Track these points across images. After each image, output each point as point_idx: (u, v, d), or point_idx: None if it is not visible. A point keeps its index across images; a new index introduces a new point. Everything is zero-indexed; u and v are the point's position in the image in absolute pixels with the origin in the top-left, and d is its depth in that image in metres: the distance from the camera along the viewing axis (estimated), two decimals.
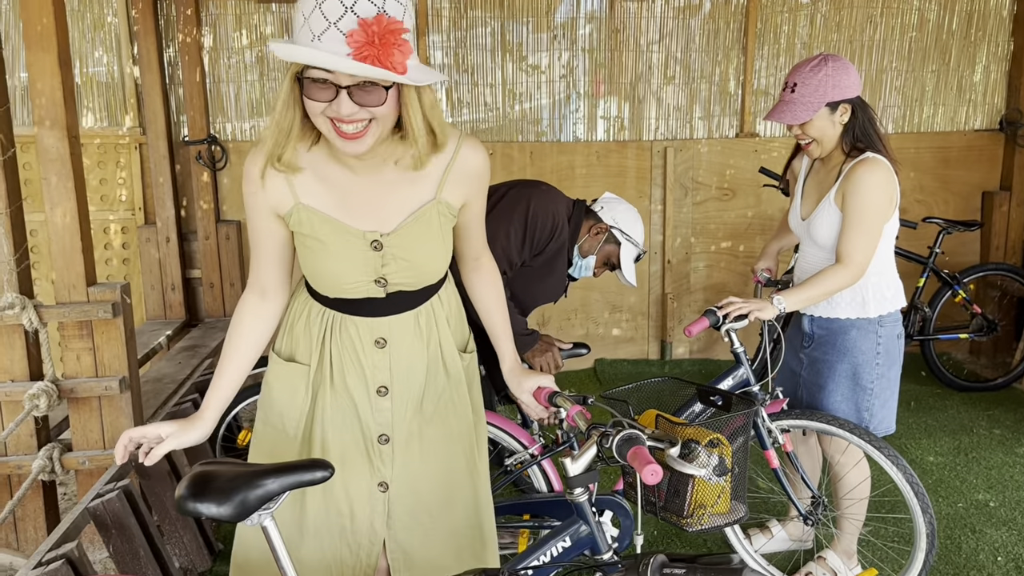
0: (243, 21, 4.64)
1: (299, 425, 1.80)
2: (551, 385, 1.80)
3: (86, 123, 4.60)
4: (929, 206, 5.08)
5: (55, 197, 2.80)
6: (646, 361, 5.17)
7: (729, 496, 1.70)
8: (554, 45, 4.91)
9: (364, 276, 1.67)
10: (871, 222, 2.43)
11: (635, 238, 2.91)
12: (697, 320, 2.45)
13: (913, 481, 2.41)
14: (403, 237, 1.65)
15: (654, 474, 1.38)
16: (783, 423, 2.56)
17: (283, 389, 1.80)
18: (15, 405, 2.85)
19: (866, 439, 2.44)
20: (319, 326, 1.76)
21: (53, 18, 2.69)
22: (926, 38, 4.99)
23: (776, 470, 2.56)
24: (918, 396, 4.56)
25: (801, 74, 2.46)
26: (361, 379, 1.75)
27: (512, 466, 2.55)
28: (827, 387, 2.59)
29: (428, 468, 1.83)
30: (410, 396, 1.79)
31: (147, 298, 4.64)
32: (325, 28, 1.38)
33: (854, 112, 2.48)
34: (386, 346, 1.74)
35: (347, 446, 1.79)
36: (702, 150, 4.99)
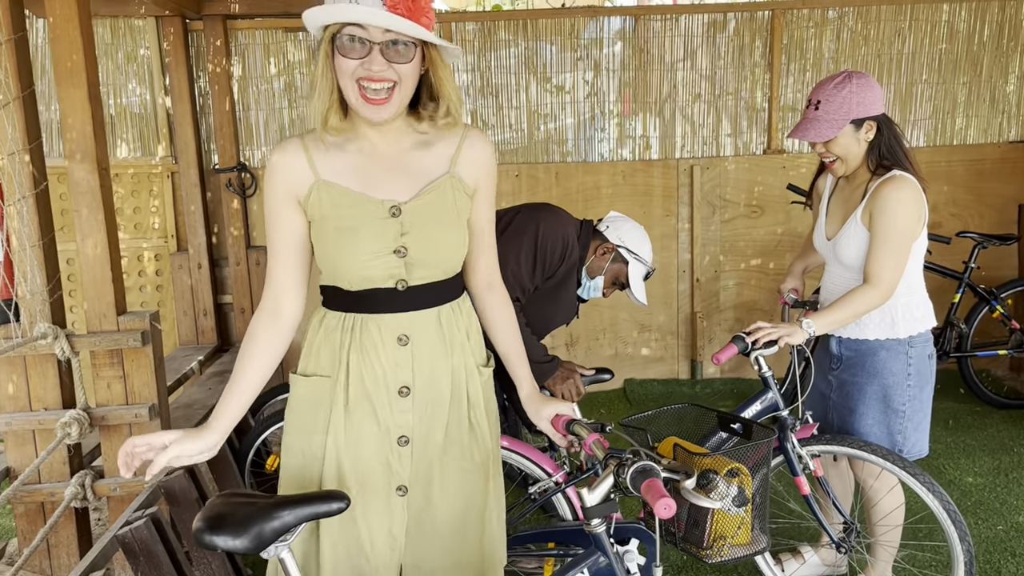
0: (271, 50, 4.72)
1: (324, 440, 1.78)
2: (569, 412, 1.78)
3: (120, 153, 4.71)
4: (964, 220, 4.99)
5: (86, 228, 2.86)
6: (676, 381, 5.13)
7: (750, 527, 1.67)
8: (579, 65, 4.92)
9: (383, 244, 1.67)
10: (899, 241, 2.39)
11: (642, 256, 2.89)
12: (725, 347, 2.42)
13: (950, 508, 2.35)
14: (420, 206, 1.69)
15: (667, 508, 1.36)
16: (813, 448, 2.50)
17: (306, 408, 1.80)
18: (48, 433, 2.90)
19: (899, 464, 2.38)
20: (339, 332, 1.75)
21: (83, 55, 2.76)
22: (956, 49, 4.91)
23: (807, 497, 2.51)
24: (956, 414, 4.46)
25: (825, 91, 2.43)
26: (382, 379, 1.73)
27: (536, 494, 2.53)
28: (858, 410, 2.54)
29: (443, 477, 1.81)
30: (431, 401, 1.77)
31: (180, 323, 4.71)
32: None
33: (879, 129, 2.45)
34: (408, 343, 1.73)
35: (363, 455, 1.76)
36: (729, 167, 4.95)
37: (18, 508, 2.98)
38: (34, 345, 2.82)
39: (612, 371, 2.93)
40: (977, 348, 4.58)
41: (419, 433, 1.77)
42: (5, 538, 3.45)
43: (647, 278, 2.93)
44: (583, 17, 4.87)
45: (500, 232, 2.70)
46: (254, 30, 4.68)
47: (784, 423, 2.50)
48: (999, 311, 4.50)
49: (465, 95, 4.92)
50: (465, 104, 4.93)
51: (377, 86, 1.57)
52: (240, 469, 3.32)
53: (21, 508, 2.97)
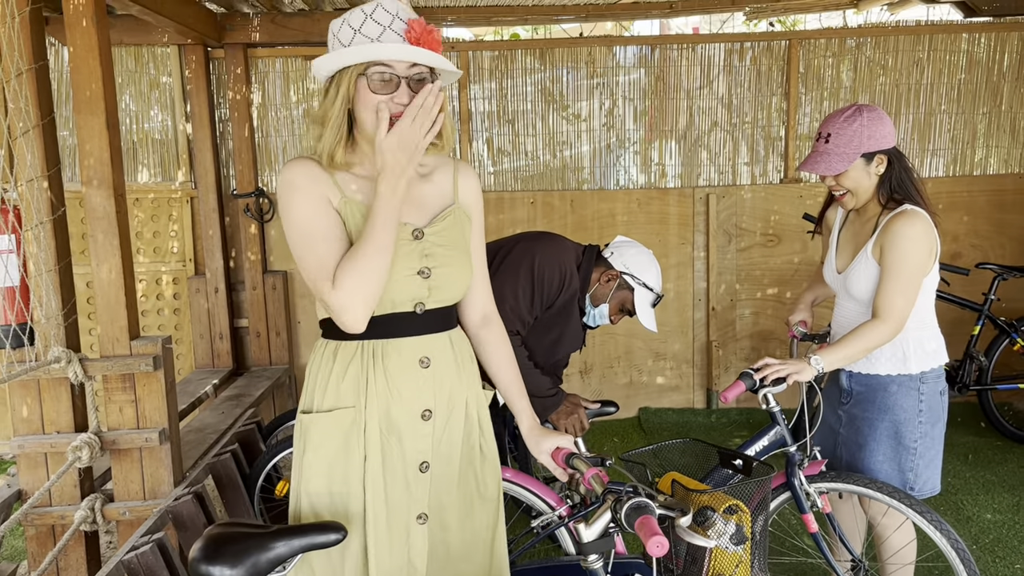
0: (290, 78, 4.79)
1: (360, 475, 1.72)
2: (569, 446, 1.78)
3: (141, 178, 4.78)
4: (984, 251, 4.93)
5: (101, 254, 2.90)
6: (691, 410, 5.08)
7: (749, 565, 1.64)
8: (595, 93, 4.94)
9: (409, 266, 1.70)
10: (910, 276, 2.36)
11: (648, 282, 2.85)
12: (733, 384, 2.38)
13: (958, 546, 2.30)
14: (438, 231, 1.74)
15: (660, 547, 1.35)
16: (821, 486, 2.46)
17: (334, 445, 1.73)
18: (60, 456, 2.93)
19: (906, 503, 2.34)
20: (360, 362, 1.72)
21: (102, 84, 2.81)
22: (976, 79, 4.89)
23: (815, 534, 2.47)
24: (976, 448, 4.39)
25: (835, 124, 2.41)
26: (407, 404, 1.72)
27: (539, 527, 2.51)
28: (868, 446, 2.50)
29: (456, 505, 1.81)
30: (449, 425, 1.77)
31: (196, 347, 4.75)
32: (380, 32, 1.59)
33: (890, 163, 2.42)
34: (430, 366, 1.74)
35: (391, 481, 1.73)
36: (745, 196, 4.94)
37: (29, 530, 3.00)
38: (48, 369, 2.85)
39: (617, 404, 2.89)
40: (997, 381, 4.51)
41: (438, 458, 1.77)
42: (16, 560, 3.47)
43: (656, 303, 2.89)
44: (600, 46, 4.90)
45: (498, 263, 2.71)
46: (274, 58, 4.75)
47: (792, 459, 2.46)
48: (1020, 343, 4.43)
49: (482, 123, 4.95)
50: (482, 132, 4.96)
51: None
52: (250, 495, 3.33)
53: (32, 530, 3.00)
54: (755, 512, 1.77)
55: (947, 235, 4.93)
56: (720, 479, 2.43)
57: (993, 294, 4.42)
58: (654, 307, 2.90)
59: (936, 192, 4.91)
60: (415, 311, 1.73)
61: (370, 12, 1.60)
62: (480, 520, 1.85)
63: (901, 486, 2.46)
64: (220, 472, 3.23)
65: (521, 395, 1.89)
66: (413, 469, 1.75)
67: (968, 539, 3.42)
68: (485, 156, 4.97)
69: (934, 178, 4.94)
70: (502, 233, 4.91)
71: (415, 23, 1.60)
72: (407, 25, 1.59)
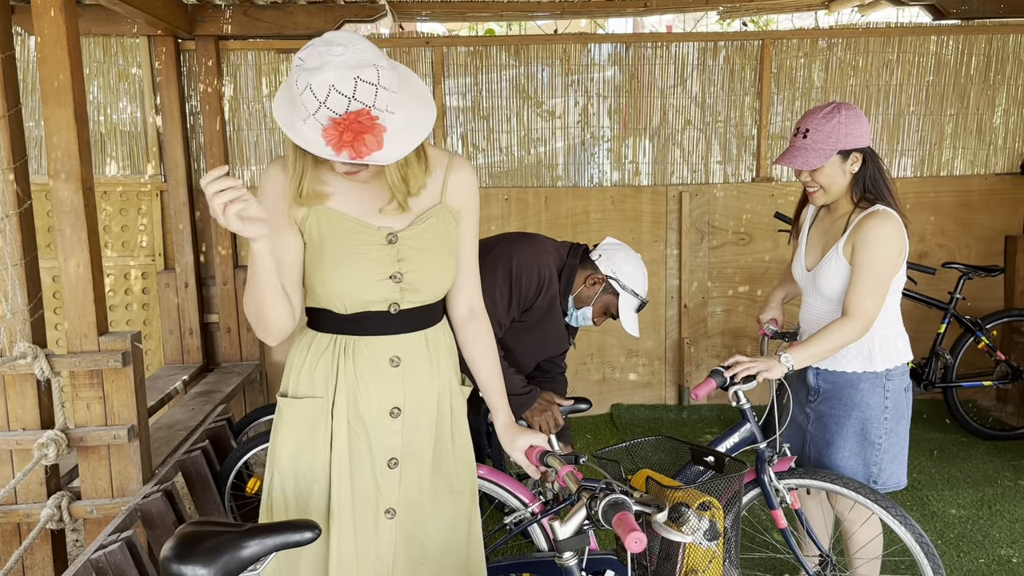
0: (263, 71, 4.74)
1: (326, 463, 1.77)
2: (543, 444, 1.79)
3: (109, 171, 4.71)
4: (951, 251, 5.01)
5: (69, 248, 2.85)
6: (663, 407, 5.12)
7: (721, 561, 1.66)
8: (570, 91, 4.95)
9: (380, 270, 1.72)
10: (880, 276, 2.38)
11: (635, 288, 2.82)
12: (704, 382, 2.40)
13: (922, 540, 2.34)
14: (415, 234, 1.74)
15: (638, 542, 1.36)
16: (790, 482, 2.49)
17: (303, 430, 1.78)
18: (26, 453, 2.88)
19: (871, 498, 2.37)
20: (331, 354, 1.77)
21: (69, 74, 2.76)
22: (944, 82, 4.96)
23: (784, 530, 2.50)
24: (941, 445, 4.46)
25: (813, 120, 2.42)
26: (374, 401, 1.76)
27: (512, 524, 2.51)
28: (835, 443, 2.53)
29: (429, 501, 1.83)
30: (420, 419, 1.80)
31: (166, 342, 4.69)
32: (305, 117, 1.51)
33: (864, 161, 2.44)
34: (400, 365, 1.76)
35: (356, 473, 1.78)
36: (718, 194, 4.98)
37: None
38: (13, 365, 2.80)
39: (590, 401, 2.90)
40: (962, 379, 4.59)
41: (407, 455, 1.79)
42: None
43: (640, 309, 2.87)
44: (575, 43, 4.90)
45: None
46: (246, 51, 4.70)
47: (762, 456, 2.49)
48: (984, 342, 4.51)
49: (456, 119, 4.94)
50: (456, 127, 4.95)
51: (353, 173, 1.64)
52: (220, 492, 3.29)
53: None
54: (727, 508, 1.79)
55: (914, 235, 4.99)
56: (692, 476, 2.45)
57: (959, 293, 4.50)
58: (638, 312, 2.87)
59: (904, 192, 4.96)
60: (389, 311, 1.75)
61: (300, 91, 1.48)
62: (455, 514, 1.86)
63: (867, 481, 2.50)
64: (190, 469, 3.20)
65: (500, 392, 1.90)
66: (381, 465, 1.78)
67: (933, 534, 3.48)
68: (460, 151, 4.96)
69: (902, 178, 5.01)
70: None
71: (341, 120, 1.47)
72: (328, 122, 1.48)
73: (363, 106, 1.48)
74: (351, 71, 1.47)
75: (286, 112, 1.56)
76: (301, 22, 4.47)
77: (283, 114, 1.57)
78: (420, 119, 1.60)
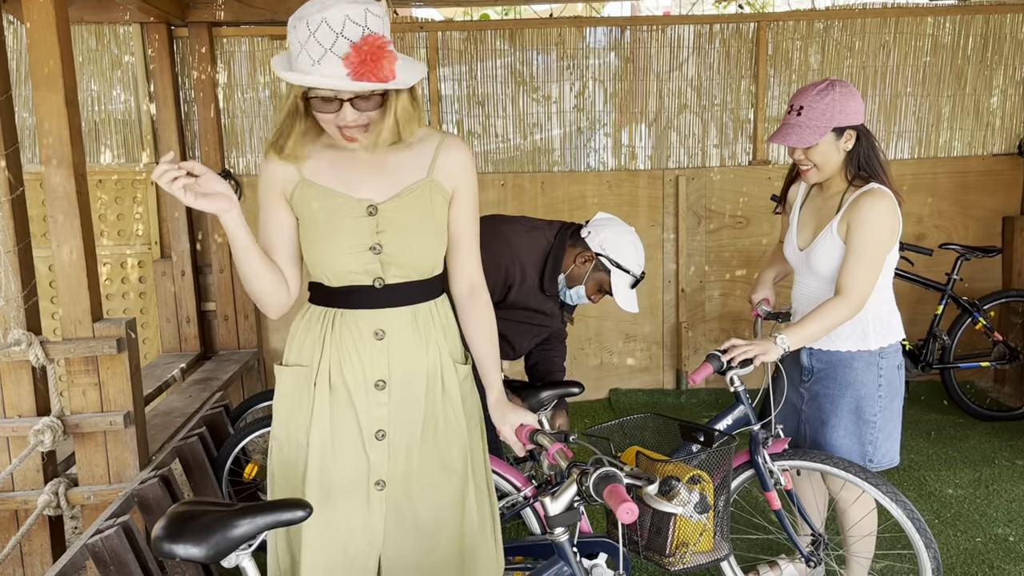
0: (256, 58, 4.72)
1: (305, 433, 1.84)
2: (533, 423, 1.80)
3: (104, 159, 4.70)
4: (948, 232, 5.00)
5: (62, 235, 2.85)
6: (661, 391, 5.12)
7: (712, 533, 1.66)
8: (566, 75, 4.93)
9: (359, 241, 1.77)
10: (874, 255, 2.37)
11: (626, 264, 2.74)
12: (701, 367, 2.39)
13: (914, 516, 2.35)
14: (397, 207, 1.78)
15: (629, 512, 1.36)
16: (784, 463, 2.49)
17: (291, 397, 1.87)
18: (22, 440, 2.88)
19: (862, 476, 2.38)
20: (320, 325, 1.84)
21: (60, 60, 2.75)
22: (941, 63, 4.94)
23: (778, 511, 2.50)
24: (939, 426, 4.47)
25: (808, 97, 2.39)
26: (359, 372, 1.80)
27: (505, 508, 2.51)
28: (830, 422, 2.53)
29: (421, 476, 1.85)
30: (407, 396, 1.83)
31: (163, 331, 4.69)
32: (322, 54, 1.56)
33: (858, 139, 2.41)
34: (384, 338, 1.81)
35: (343, 445, 1.83)
36: (715, 178, 4.96)
37: None
38: (8, 352, 2.80)
39: (582, 384, 2.84)
40: (960, 360, 4.58)
41: (395, 427, 1.82)
42: None
43: (636, 284, 2.79)
44: (571, 27, 4.88)
45: None
46: (239, 37, 4.68)
47: (756, 438, 2.49)
48: (982, 323, 4.51)
49: (452, 104, 4.92)
50: (452, 114, 4.93)
51: (352, 130, 1.69)
52: (218, 478, 3.30)
53: None
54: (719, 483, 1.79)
55: (911, 216, 4.99)
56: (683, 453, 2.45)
57: (956, 274, 4.49)
58: (635, 287, 2.81)
59: (901, 173, 4.97)
60: (374, 285, 1.80)
61: (314, 29, 1.55)
62: (447, 493, 1.87)
63: (861, 459, 2.50)
64: (187, 455, 3.20)
65: (494, 368, 1.92)
66: (369, 436, 1.82)
67: (930, 514, 3.49)
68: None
69: (899, 160, 5.00)
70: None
71: (361, 45, 1.55)
72: (349, 50, 1.55)
73: (376, 33, 1.57)
74: (360, 5, 1.57)
75: (289, 64, 1.63)
76: (294, 7, 4.36)
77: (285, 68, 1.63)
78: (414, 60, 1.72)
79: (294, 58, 1.61)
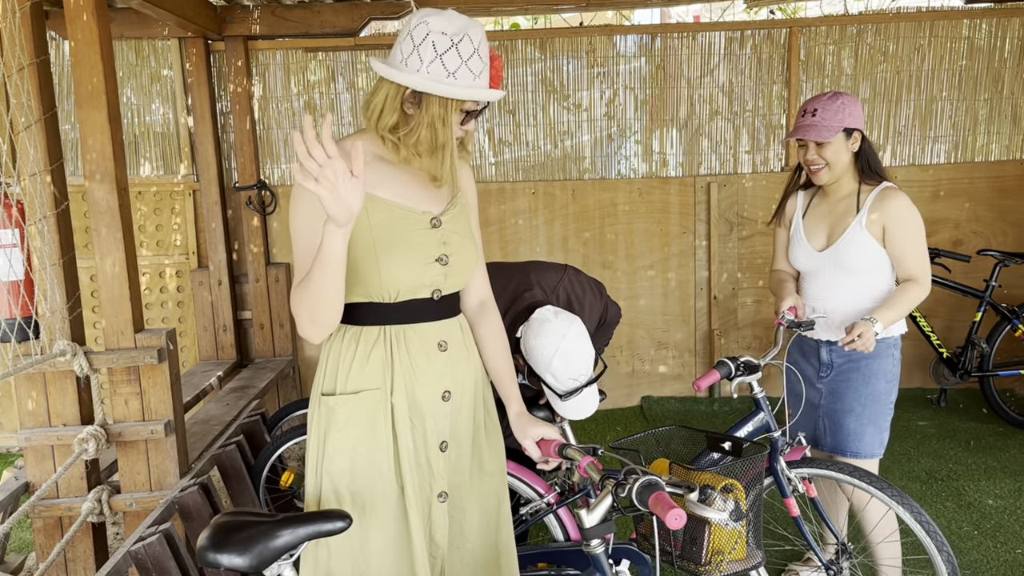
0: (291, 70, 4.80)
1: (389, 458, 1.76)
2: (557, 436, 1.81)
3: (143, 172, 4.79)
4: (986, 238, 4.93)
5: (105, 248, 2.91)
6: (694, 399, 5.10)
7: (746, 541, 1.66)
8: (596, 83, 4.94)
9: (429, 253, 1.76)
10: (924, 240, 2.59)
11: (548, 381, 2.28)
12: (707, 373, 2.44)
13: (923, 519, 2.35)
14: (452, 218, 1.82)
15: (678, 519, 1.37)
16: (803, 471, 2.52)
17: (362, 423, 1.76)
18: (67, 449, 2.95)
19: (876, 485, 2.40)
20: (383, 346, 1.77)
21: (103, 78, 2.82)
22: (977, 66, 4.88)
23: (797, 519, 2.51)
24: (978, 435, 4.40)
25: (820, 102, 2.60)
26: (429, 385, 1.79)
27: (527, 514, 2.52)
28: (854, 411, 2.63)
29: (469, 485, 1.88)
30: (463, 404, 1.85)
31: (200, 339, 4.77)
32: (482, 69, 1.70)
33: (863, 141, 2.62)
34: (447, 349, 1.82)
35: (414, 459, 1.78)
36: (747, 184, 4.94)
37: (36, 522, 3.02)
38: (53, 362, 2.87)
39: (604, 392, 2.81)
40: (999, 367, 4.52)
41: (454, 437, 1.84)
42: (24, 552, 3.50)
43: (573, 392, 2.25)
44: (601, 35, 4.89)
45: None
46: (274, 50, 4.76)
47: (775, 445, 2.51)
48: (1021, 330, 4.43)
49: (482, 113, 4.94)
50: (483, 122, 4.97)
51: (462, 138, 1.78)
52: (255, 485, 3.35)
53: (39, 522, 3.02)
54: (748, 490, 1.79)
55: (948, 222, 4.93)
56: (708, 463, 2.46)
57: (995, 280, 4.43)
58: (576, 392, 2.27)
59: (937, 179, 4.92)
60: (432, 297, 1.79)
61: (457, 41, 1.64)
62: (487, 495, 1.91)
63: (880, 446, 2.63)
64: (225, 463, 3.25)
65: (511, 381, 1.94)
66: (434, 448, 1.81)
67: (969, 525, 3.44)
68: (486, 146, 4.98)
69: (935, 165, 4.94)
70: (504, 223, 4.92)
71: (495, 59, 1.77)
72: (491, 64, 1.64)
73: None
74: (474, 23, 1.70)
75: (447, 89, 1.65)
76: (328, 20, 4.51)
77: (442, 89, 1.65)
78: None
79: (449, 76, 1.64)
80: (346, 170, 1.45)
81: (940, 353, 4.49)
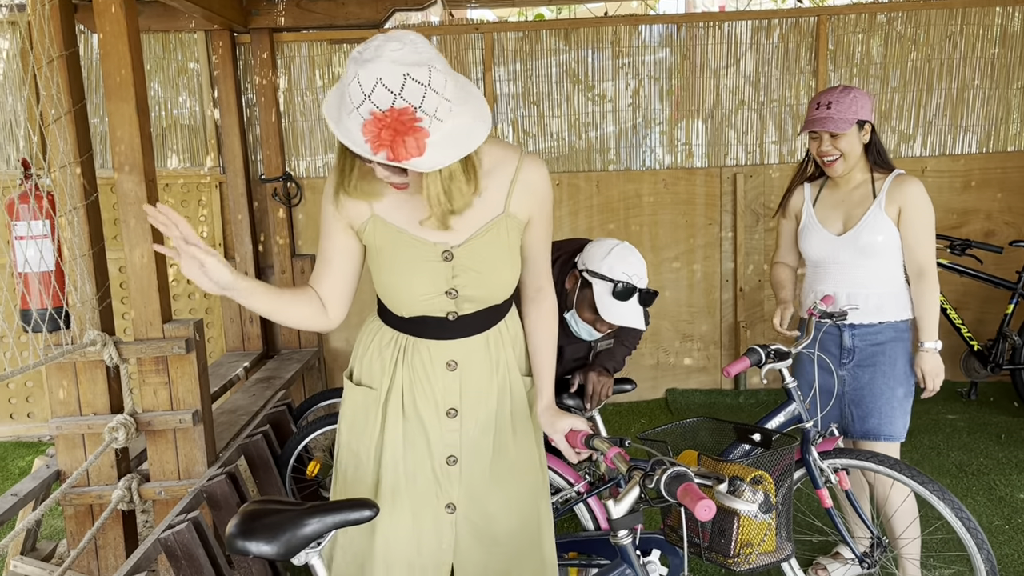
0: (316, 62, 4.81)
1: (371, 449, 1.84)
2: (584, 428, 1.80)
3: (170, 164, 4.84)
4: (1019, 228, 4.85)
5: (133, 239, 2.94)
6: (719, 391, 5.07)
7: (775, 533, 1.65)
8: (621, 73, 4.91)
9: (435, 287, 1.71)
10: (933, 232, 2.64)
11: (601, 270, 2.46)
12: (738, 359, 2.43)
13: (964, 516, 2.32)
14: (473, 249, 1.70)
15: (707, 510, 1.36)
16: (834, 462, 2.50)
17: (356, 414, 1.87)
18: (97, 437, 2.99)
19: (907, 474, 2.39)
20: (391, 350, 1.81)
21: (131, 70, 2.84)
22: (1010, 54, 4.79)
23: (829, 510, 2.49)
24: (1009, 428, 4.33)
25: (833, 95, 2.65)
26: (431, 401, 1.79)
27: (558, 503, 2.52)
28: (884, 395, 2.64)
29: (494, 492, 1.86)
30: (479, 418, 1.82)
31: (227, 330, 4.81)
32: (350, 110, 1.44)
33: (872, 133, 2.68)
34: (457, 369, 1.79)
35: (415, 469, 1.82)
36: (773, 175, 4.90)
37: (67, 510, 3.07)
38: (84, 352, 2.90)
39: (634, 381, 2.83)
40: None
41: (467, 452, 1.82)
42: (55, 539, 3.55)
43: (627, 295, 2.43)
44: (625, 25, 4.86)
45: None
46: (299, 43, 4.77)
47: (807, 436, 2.49)
48: None
49: (507, 104, 4.94)
50: (507, 113, 4.95)
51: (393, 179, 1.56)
52: (281, 475, 3.38)
53: (70, 510, 3.06)
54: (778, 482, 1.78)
55: (980, 212, 4.85)
56: (737, 455, 2.44)
57: None
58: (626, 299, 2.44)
59: (969, 168, 4.84)
60: (447, 318, 1.76)
61: (349, 80, 1.41)
62: (521, 495, 1.88)
63: (904, 429, 2.65)
64: (252, 453, 3.28)
65: (549, 374, 1.91)
66: (440, 462, 1.82)
67: (1000, 519, 3.39)
68: (510, 138, 4.97)
69: (967, 155, 4.86)
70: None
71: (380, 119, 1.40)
72: (371, 117, 1.40)
73: (408, 105, 1.40)
74: (402, 67, 1.39)
75: (333, 106, 1.50)
76: (352, 12, 4.52)
77: (330, 108, 1.50)
78: (469, 133, 1.48)
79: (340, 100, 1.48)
80: (203, 257, 1.55)
81: (971, 346, 4.43)
